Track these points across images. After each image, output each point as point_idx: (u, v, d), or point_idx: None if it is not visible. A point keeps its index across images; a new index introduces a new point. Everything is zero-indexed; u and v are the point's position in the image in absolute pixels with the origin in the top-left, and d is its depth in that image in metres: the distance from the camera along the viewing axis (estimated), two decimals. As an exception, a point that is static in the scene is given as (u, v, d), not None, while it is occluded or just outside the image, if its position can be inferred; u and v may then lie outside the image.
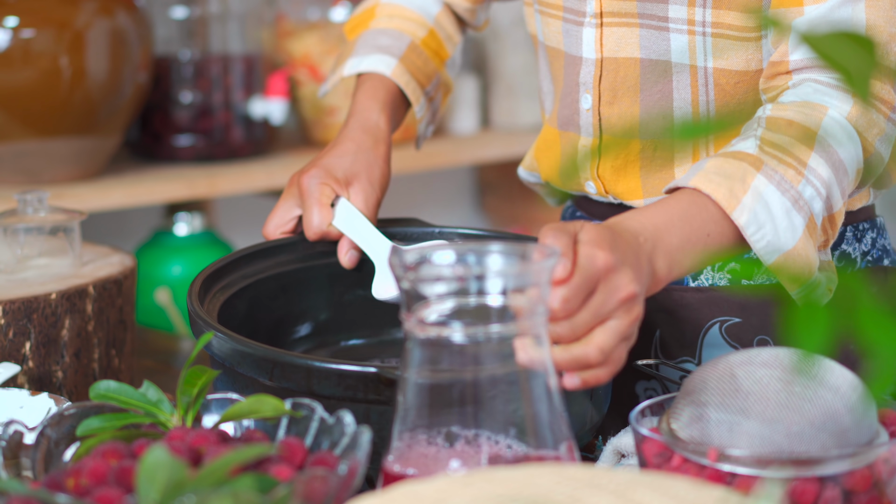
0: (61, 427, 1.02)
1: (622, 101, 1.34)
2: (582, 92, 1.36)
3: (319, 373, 1.09)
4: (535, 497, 0.80)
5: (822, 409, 0.97)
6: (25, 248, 1.49)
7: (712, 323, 1.38)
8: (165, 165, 2.45)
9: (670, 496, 0.81)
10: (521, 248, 0.95)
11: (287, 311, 1.37)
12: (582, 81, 1.36)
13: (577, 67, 1.37)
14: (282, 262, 1.36)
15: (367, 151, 1.39)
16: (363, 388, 1.08)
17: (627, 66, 1.33)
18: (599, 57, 1.34)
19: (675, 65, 1.31)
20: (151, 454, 0.86)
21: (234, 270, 1.33)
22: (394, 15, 1.50)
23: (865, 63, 0.73)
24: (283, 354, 1.12)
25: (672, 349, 1.40)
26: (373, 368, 1.08)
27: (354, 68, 1.47)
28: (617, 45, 1.33)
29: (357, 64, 1.47)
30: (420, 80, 1.48)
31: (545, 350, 0.95)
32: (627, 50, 1.33)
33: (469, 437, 0.94)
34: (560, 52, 1.39)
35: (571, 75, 1.38)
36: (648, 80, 1.33)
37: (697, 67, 1.31)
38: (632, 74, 1.33)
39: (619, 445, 1.13)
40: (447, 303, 0.93)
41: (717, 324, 1.38)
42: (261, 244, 1.36)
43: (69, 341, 1.40)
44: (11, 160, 2.23)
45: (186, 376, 1.03)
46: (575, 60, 1.37)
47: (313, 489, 0.89)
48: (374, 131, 1.41)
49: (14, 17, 2.15)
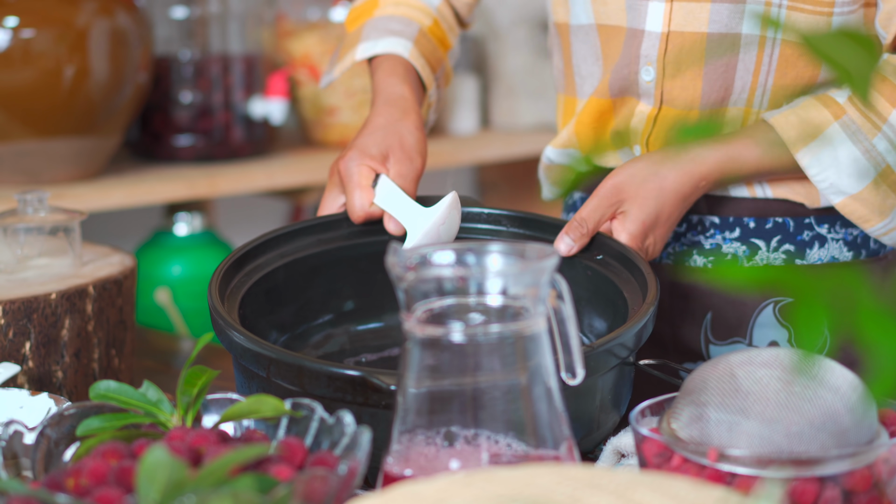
0: (61, 427, 1.02)
1: (685, 74, 1.37)
2: (643, 64, 1.38)
3: (310, 373, 1.09)
4: (536, 497, 0.80)
5: (822, 409, 0.97)
6: (25, 248, 1.49)
7: (766, 304, 1.40)
8: (165, 165, 2.45)
9: (670, 496, 0.81)
10: (521, 248, 0.95)
11: (322, 289, 1.37)
12: (644, 54, 1.38)
13: (637, 40, 1.38)
14: (324, 241, 1.36)
15: (396, 123, 1.38)
16: (351, 390, 1.08)
17: (694, 40, 1.35)
18: (666, 31, 1.36)
19: (744, 36, 1.35)
20: (151, 454, 0.86)
21: (272, 248, 1.33)
22: (399, 3, 1.51)
23: (865, 63, 0.73)
24: (278, 352, 1.12)
25: (722, 331, 1.41)
26: (359, 373, 1.08)
27: (369, 51, 1.46)
28: (685, 20, 1.35)
29: (371, 47, 1.46)
30: (432, 65, 1.48)
31: (546, 346, 0.95)
32: (695, 24, 1.35)
33: (469, 436, 0.94)
34: (620, 29, 1.40)
35: (631, 48, 1.39)
36: (714, 53, 1.36)
37: (767, 38, 1.35)
38: (697, 48, 1.36)
39: (619, 445, 1.13)
40: (447, 303, 0.93)
41: (770, 304, 1.40)
42: (304, 222, 1.36)
43: (69, 341, 1.40)
44: (12, 160, 2.23)
45: (186, 376, 1.03)
46: (636, 34, 1.38)
47: (313, 489, 0.89)
48: (401, 102, 1.40)
49: (14, 17, 2.15)
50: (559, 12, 1.48)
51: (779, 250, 1.41)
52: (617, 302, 1.25)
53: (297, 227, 1.36)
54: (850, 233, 1.42)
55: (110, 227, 2.54)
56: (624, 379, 1.19)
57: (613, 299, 1.26)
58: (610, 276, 1.27)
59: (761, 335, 1.41)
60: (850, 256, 1.42)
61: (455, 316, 0.93)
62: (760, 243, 1.41)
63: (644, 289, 1.22)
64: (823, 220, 1.41)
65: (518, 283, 0.93)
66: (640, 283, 1.24)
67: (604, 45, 1.42)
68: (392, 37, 1.46)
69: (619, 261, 1.28)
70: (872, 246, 1.44)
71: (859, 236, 1.42)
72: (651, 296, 1.20)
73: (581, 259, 1.30)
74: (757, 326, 1.41)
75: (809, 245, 1.41)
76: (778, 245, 1.41)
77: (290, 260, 1.34)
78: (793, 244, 1.41)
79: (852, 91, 0.73)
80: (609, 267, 1.28)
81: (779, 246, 1.41)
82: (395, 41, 1.46)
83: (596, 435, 1.18)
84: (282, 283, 1.33)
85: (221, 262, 1.27)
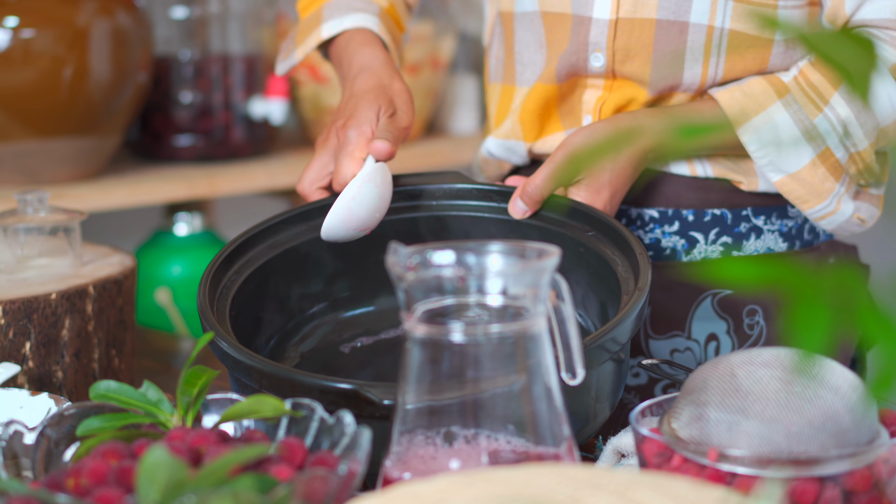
0: (61, 427, 1.02)
1: (634, 59, 1.38)
2: (592, 51, 1.38)
3: (302, 386, 1.09)
4: (536, 497, 0.80)
5: (823, 409, 0.97)
6: (25, 248, 1.49)
7: (705, 296, 1.41)
8: (165, 165, 2.45)
9: (671, 496, 0.81)
10: (521, 248, 0.95)
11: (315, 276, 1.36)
12: (593, 41, 1.38)
13: (585, 27, 1.38)
14: (314, 227, 1.34)
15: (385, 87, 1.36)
16: (344, 403, 1.07)
17: (643, 27, 1.36)
18: (614, 18, 1.37)
19: (692, 25, 1.35)
20: (151, 454, 0.86)
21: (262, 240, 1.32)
22: None
23: (865, 63, 0.73)
24: (269, 365, 1.12)
25: (661, 325, 1.41)
26: (351, 386, 1.07)
27: (336, 28, 1.44)
28: (633, 6, 1.36)
29: (338, 24, 1.45)
30: (396, 43, 1.48)
31: (547, 346, 0.95)
32: (644, 11, 1.36)
33: (469, 436, 0.94)
34: (565, 16, 1.40)
35: (579, 35, 1.39)
36: (662, 40, 1.36)
37: (714, 28, 1.35)
38: (646, 34, 1.36)
39: (619, 445, 1.13)
40: (447, 303, 0.93)
41: (709, 297, 1.41)
42: (291, 210, 1.35)
43: (69, 341, 1.40)
44: (12, 160, 2.23)
45: (186, 376, 1.03)
46: (583, 21, 1.38)
47: (313, 489, 0.89)
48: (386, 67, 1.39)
49: (14, 17, 2.15)
50: (503, 1, 1.47)
51: (717, 242, 1.43)
52: (610, 280, 1.25)
53: (286, 216, 1.35)
54: (785, 224, 1.44)
55: (110, 227, 2.54)
56: (618, 369, 1.19)
57: (606, 277, 1.26)
58: (602, 251, 1.27)
59: (700, 328, 1.43)
60: (784, 247, 1.45)
61: (455, 316, 0.93)
62: (699, 236, 1.42)
63: (636, 267, 1.22)
64: (760, 212, 1.43)
65: (518, 282, 0.93)
66: (630, 260, 1.24)
67: (548, 33, 1.42)
68: (357, 13, 1.45)
69: (611, 237, 1.27)
70: (806, 237, 1.46)
71: (794, 227, 1.45)
72: (643, 279, 1.19)
73: (571, 234, 1.29)
74: (696, 320, 1.42)
75: (746, 237, 1.44)
76: (716, 237, 1.43)
77: (282, 251, 1.33)
78: (730, 236, 1.43)
79: (852, 91, 0.73)
80: (602, 243, 1.28)
81: (717, 238, 1.43)
82: (361, 16, 1.44)
83: (592, 426, 1.18)
84: (274, 273, 1.33)
85: (208, 266, 1.26)
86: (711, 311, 1.42)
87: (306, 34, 1.47)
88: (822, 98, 1.33)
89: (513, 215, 1.32)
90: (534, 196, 1.31)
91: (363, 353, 1.36)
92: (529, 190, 1.31)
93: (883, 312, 0.70)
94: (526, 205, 1.32)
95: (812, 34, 0.74)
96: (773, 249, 1.44)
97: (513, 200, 1.32)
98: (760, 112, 1.33)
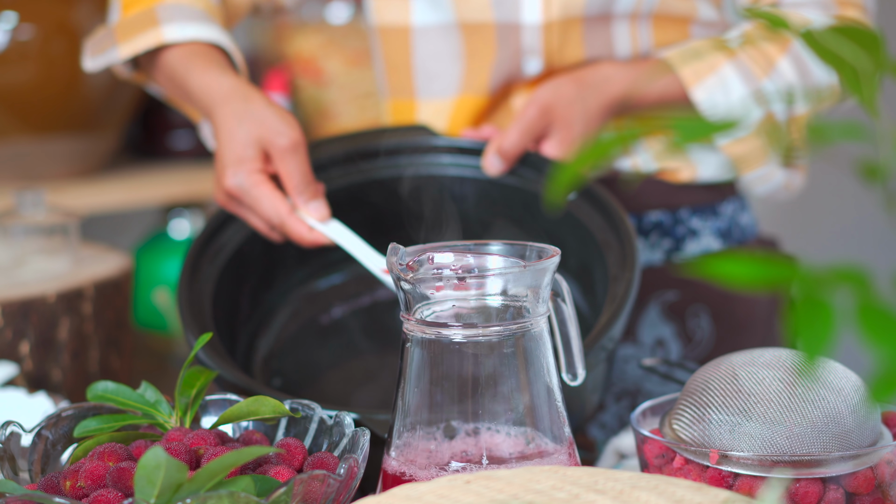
0: (59, 428, 1.01)
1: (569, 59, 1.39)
2: (526, 57, 1.39)
3: None
4: (536, 499, 0.80)
5: (825, 410, 0.97)
6: (23, 247, 1.49)
7: (652, 301, 1.45)
8: (164, 165, 2.45)
9: (672, 499, 0.80)
10: (521, 248, 0.95)
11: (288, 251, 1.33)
12: (527, 48, 1.39)
13: (514, 34, 1.39)
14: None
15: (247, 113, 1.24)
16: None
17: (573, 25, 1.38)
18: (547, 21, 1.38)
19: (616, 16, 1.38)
20: (149, 455, 0.85)
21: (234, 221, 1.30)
22: None
23: (869, 63, 0.72)
24: (259, 387, 1.11)
25: None
26: (355, 415, 1.06)
27: (180, 33, 1.31)
28: (563, 5, 1.37)
29: (180, 30, 1.31)
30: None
31: (547, 346, 0.95)
32: (572, 9, 1.37)
33: (469, 436, 0.94)
34: (486, 26, 1.40)
35: (509, 42, 1.39)
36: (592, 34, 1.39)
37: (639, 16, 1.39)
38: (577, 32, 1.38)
39: (620, 446, 1.12)
40: (447, 303, 0.93)
41: (656, 302, 1.45)
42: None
43: (67, 342, 1.39)
44: (9, 159, 2.22)
45: (185, 377, 1.02)
46: (511, 28, 1.38)
47: (312, 490, 0.89)
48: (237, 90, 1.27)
49: (12, 14, 2.15)
50: (391, 14, 1.43)
51: (659, 246, 1.45)
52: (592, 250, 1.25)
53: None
54: (717, 224, 1.47)
55: (108, 227, 2.53)
56: (609, 360, 1.19)
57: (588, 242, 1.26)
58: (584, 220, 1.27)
59: (649, 333, 1.45)
60: (719, 246, 1.47)
61: (455, 316, 0.93)
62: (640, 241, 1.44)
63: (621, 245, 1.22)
64: (694, 213, 1.45)
65: (518, 283, 0.93)
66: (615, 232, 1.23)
67: (467, 43, 1.41)
68: (200, 23, 1.33)
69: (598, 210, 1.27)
70: (735, 235, 1.49)
71: (725, 227, 1.47)
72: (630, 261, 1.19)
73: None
74: (647, 325, 1.45)
75: (683, 240, 1.46)
76: (658, 240, 1.45)
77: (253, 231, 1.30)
78: (671, 238, 1.45)
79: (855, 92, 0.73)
80: (582, 210, 1.27)
81: (659, 241, 1.45)
82: (207, 28, 1.32)
83: (583, 417, 1.18)
84: (248, 254, 1.30)
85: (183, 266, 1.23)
86: (658, 315, 1.43)
87: (135, 32, 1.33)
88: (768, 62, 1.36)
89: (487, 172, 1.31)
90: (509, 152, 1.30)
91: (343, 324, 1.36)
92: (505, 146, 1.30)
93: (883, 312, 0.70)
94: (502, 161, 1.31)
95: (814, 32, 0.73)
96: (709, 249, 1.46)
97: (487, 156, 1.31)
98: (711, 72, 1.35)
